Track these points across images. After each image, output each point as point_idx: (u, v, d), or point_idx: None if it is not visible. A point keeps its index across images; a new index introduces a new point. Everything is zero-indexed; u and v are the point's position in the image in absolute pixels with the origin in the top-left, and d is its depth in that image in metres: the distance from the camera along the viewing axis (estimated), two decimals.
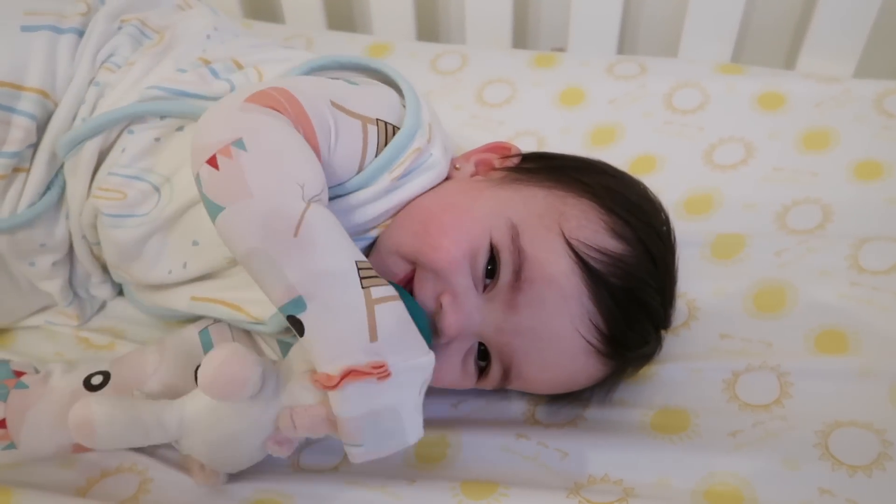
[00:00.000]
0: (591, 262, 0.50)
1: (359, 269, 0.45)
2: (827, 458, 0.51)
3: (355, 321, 0.43)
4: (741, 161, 0.75)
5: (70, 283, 0.64)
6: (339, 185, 0.52)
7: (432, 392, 0.60)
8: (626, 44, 0.95)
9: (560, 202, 0.53)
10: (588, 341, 0.51)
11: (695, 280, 0.65)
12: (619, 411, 0.57)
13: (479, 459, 0.54)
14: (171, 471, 0.54)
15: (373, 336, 0.43)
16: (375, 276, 0.45)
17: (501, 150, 0.61)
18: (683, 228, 0.63)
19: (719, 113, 0.79)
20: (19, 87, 0.56)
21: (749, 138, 0.76)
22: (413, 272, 0.52)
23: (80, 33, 0.59)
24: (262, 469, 0.54)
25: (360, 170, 0.53)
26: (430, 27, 1.01)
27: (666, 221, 0.58)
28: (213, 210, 0.46)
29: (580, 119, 0.81)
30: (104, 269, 0.64)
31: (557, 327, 0.50)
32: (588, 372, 0.53)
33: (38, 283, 0.62)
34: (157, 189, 0.57)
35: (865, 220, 0.67)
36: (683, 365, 0.59)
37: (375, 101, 0.56)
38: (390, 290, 0.45)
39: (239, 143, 0.45)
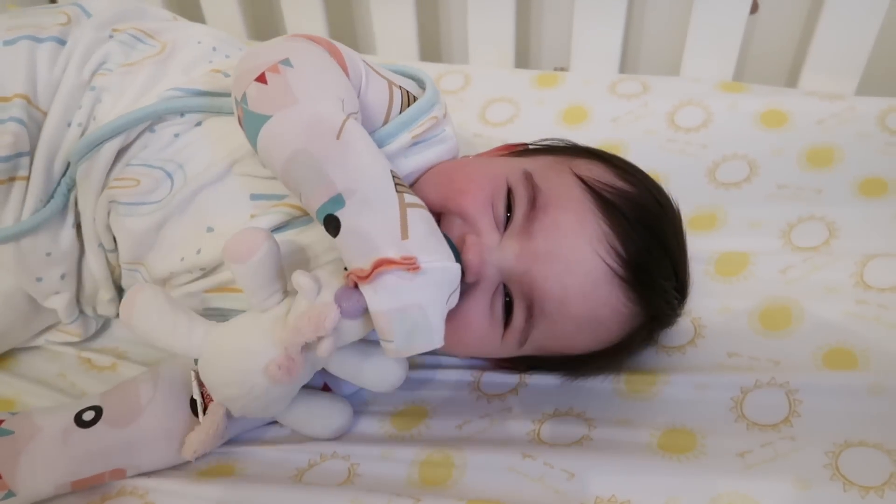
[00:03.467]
0: (603, 193, 0.52)
1: (393, 175, 0.47)
2: (838, 479, 0.50)
3: (389, 218, 0.45)
4: (745, 179, 0.75)
5: (77, 299, 0.64)
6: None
7: (438, 412, 0.61)
8: (627, 63, 0.96)
9: (569, 160, 0.57)
10: (608, 264, 0.51)
11: (700, 298, 0.65)
12: (625, 431, 0.56)
13: (484, 480, 0.53)
14: (171, 494, 0.53)
15: (404, 234, 0.45)
16: (407, 186, 0.48)
17: (510, 147, 0.64)
18: (688, 246, 0.63)
19: (722, 131, 0.79)
20: (4, 99, 0.56)
21: (752, 156, 0.76)
22: (439, 220, 0.53)
23: (60, 42, 0.60)
24: (261, 484, 0.53)
25: (385, 122, 0.56)
26: (432, 48, 1.02)
27: (671, 198, 0.59)
28: (258, 122, 0.48)
29: (583, 137, 0.80)
30: (115, 285, 0.64)
31: (575, 248, 0.51)
32: (612, 305, 0.52)
33: (45, 300, 0.62)
34: (169, 175, 0.58)
35: (870, 237, 0.67)
36: (690, 382, 0.59)
37: (398, 76, 0.60)
38: (421, 202, 0.48)
39: (286, 62, 0.49)
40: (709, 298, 0.65)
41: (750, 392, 0.57)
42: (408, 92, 0.60)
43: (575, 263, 0.51)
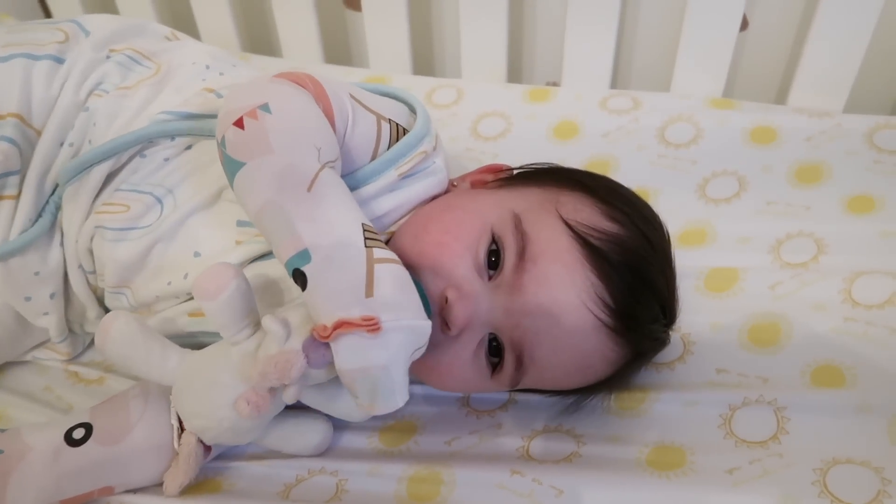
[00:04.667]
0: (590, 239, 0.52)
1: (364, 229, 0.47)
2: (826, 496, 0.50)
3: (354, 275, 0.44)
4: (734, 194, 0.75)
5: (66, 317, 0.64)
6: (350, 173, 0.54)
7: (426, 428, 0.60)
8: (619, 79, 0.96)
9: (555, 194, 0.55)
10: (596, 315, 0.51)
11: (689, 314, 0.65)
12: (614, 448, 0.56)
13: (473, 496, 0.53)
14: None
15: (369, 292, 0.44)
16: (380, 240, 0.47)
17: (496, 170, 0.63)
18: (677, 262, 0.63)
19: (712, 147, 0.79)
20: None
21: (742, 172, 0.76)
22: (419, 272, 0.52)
23: (58, 60, 0.60)
24: (248, 500, 0.53)
25: (373, 158, 0.56)
26: (425, 62, 1.02)
27: (659, 220, 0.59)
28: (234, 168, 0.48)
29: (574, 152, 0.81)
30: (100, 302, 0.63)
31: (564, 302, 0.50)
32: (601, 352, 0.52)
33: (35, 319, 0.62)
34: (159, 200, 0.58)
35: (858, 254, 0.67)
36: (679, 399, 0.59)
37: (389, 106, 0.59)
38: (393, 255, 0.47)
39: (265, 107, 0.49)
40: (698, 314, 0.65)
41: (738, 409, 0.57)
42: (397, 125, 0.58)
43: (565, 317, 0.51)
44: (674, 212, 0.74)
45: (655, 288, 0.54)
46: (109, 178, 0.58)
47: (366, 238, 0.46)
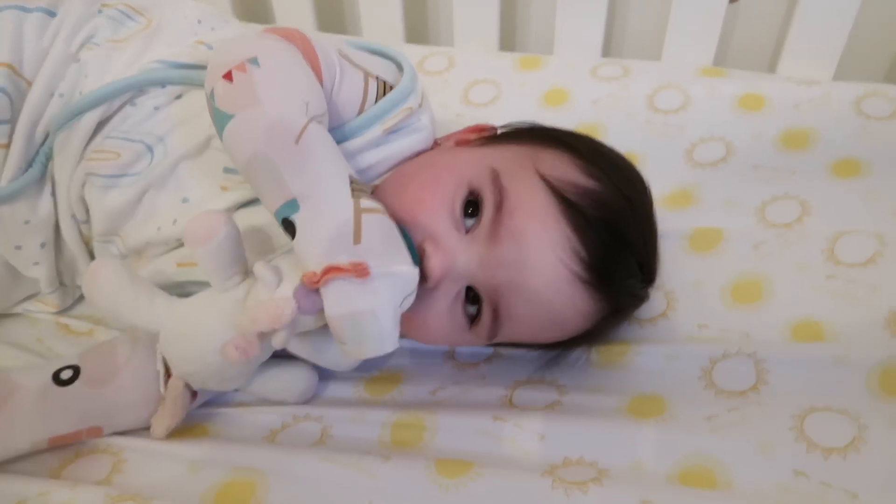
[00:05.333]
0: (566, 194, 0.52)
1: (351, 181, 0.47)
2: (802, 441, 0.51)
3: (341, 223, 0.45)
4: (721, 159, 0.76)
5: (57, 268, 0.64)
6: (337, 127, 0.55)
7: (411, 379, 0.61)
8: (610, 49, 0.97)
9: (534, 152, 0.55)
10: (570, 269, 0.51)
11: (673, 272, 0.66)
12: (595, 397, 0.57)
13: (455, 441, 0.54)
14: (145, 453, 0.54)
15: (356, 238, 0.44)
16: (366, 191, 0.48)
17: (480, 129, 0.63)
18: (662, 223, 0.64)
19: (700, 113, 0.80)
20: None
21: (729, 138, 0.77)
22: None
23: (49, 13, 0.60)
24: (234, 444, 0.54)
25: (359, 114, 0.56)
26: (418, 30, 1.03)
27: (641, 179, 0.59)
28: (223, 120, 0.49)
29: (564, 119, 0.82)
30: (91, 255, 0.64)
31: (539, 255, 0.51)
32: (577, 307, 0.53)
33: (26, 269, 0.62)
34: (150, 149, 0.58)
35: (843, 216, 0.67)
36: (660, 353, 0.60)
37: (376, 63, 0.60)
38: (379, 205, 0.47)
39: (254, 61, 0.49)
40: (682, 272, 0.66)
41: (719, 362, 0.58)
42: (384, 82, 0.59)
43: (539, 270, 0.51)
44: (661, 176, 0.74)
45: (632, 243, 0.54)
46: (100, 126, 0.59)
47: (352, 189, 0.47)
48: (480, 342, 0.56)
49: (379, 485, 0.50)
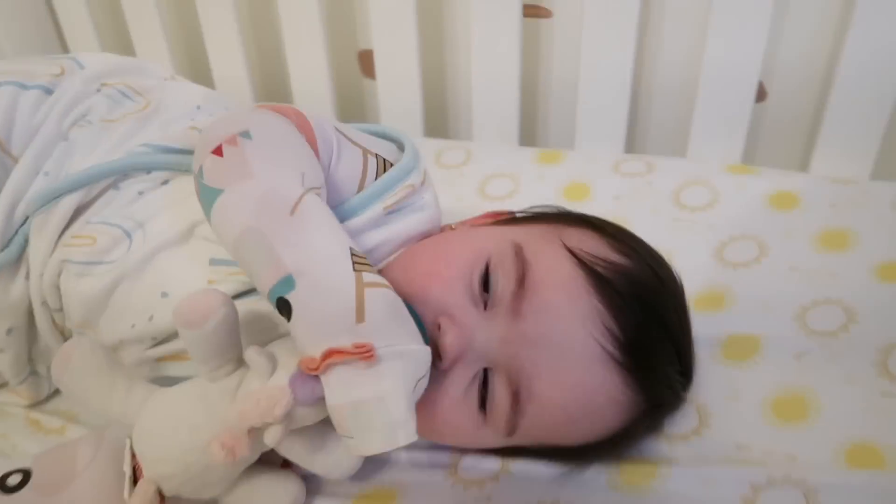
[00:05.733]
0: (596, 268, 0.48)
1: (352, 253, 0.43)
2: None
3: (343, 301, 0.40)
4: (754, 259, 0.70)
5: (29, 356, 0.60)
6: (336, 207, 0.51)
7: (407, 498, 0.54)
8: (634, 144, 0.94)
9: (559, 229, 0.52)
10: (603, 346, 0.46)
11: (705, 383, 0.59)
12: None
13: None
14: None
15: (359, 317, 0.40)
16: (369, 265, 0.44)
17: (497, 214, 0.60)
18: (693, 327, 0.58)
19: (730, 211, 0.75)
20: None
21: (762, 237, 0.72)
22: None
23: (47, 91, 0.59)
24: None
25: (358, 192, 0.53)
26: (438, 125, 1.02)
27: (670, 266, 0.55)
28: (211, 197, 0.45)
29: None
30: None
31: (568, 331, 0.46)
32: (609, 393, 0.47)
33: None
34: (128, 235, 0.54)
35: (892, 324, 0.61)
36: (694, 477, 0.52)
37: (376, 142, 0.57)
38: (383, 280, 0.43)
39: (245, 134, 0.47)
40: (715, 384, 0.59)
41: (763, 490, 0.50)
42: (384, 160, 0.56)
43: (568, 347, 0.46)
44: (690, 275, 0.68)
45: (668, 326, 0.50)
46: (80, 210, 0.55)
47: (354, 263, 0.43)
48: (495, 440, 0.50)
49: None
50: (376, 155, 0.55)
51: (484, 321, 0.48)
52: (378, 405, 0.39)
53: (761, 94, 0.91)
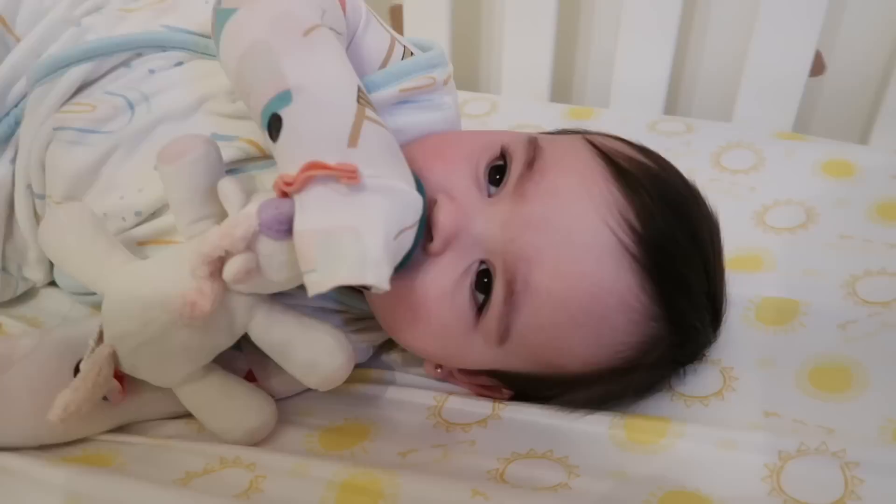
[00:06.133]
0: (617, 159, 0.42)
1: (359, 89, 0.40)
2: None
3: (338, 121, 0.37)
4: (800, 225, 0.62)
5: (3, 253, 0.55)
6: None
7: (381, 435, 0.48)
8: (676, 108, 0.87)
9: (585, 135, 0.47)
10: (617, 235, 0.40)
11: (734, 346, 0.52)
12: (616, 485, 0.42)
13: None
14: (16, 476, 0.42)
15: (352, 142, 0.36)
16: (373, 107, 0.40)
17: None
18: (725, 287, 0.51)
19: (776, 175, 0.68)
20: None
21: (811, 203, 0.64)
22: None
23: None
24: (130, 481, 0.41)
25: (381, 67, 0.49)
26: (468, 77, 0.96)
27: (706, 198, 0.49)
28: (224, 17, 0.42)
29: None
30: None
31: (577, 214, 0.40)
32: (620, 292, 0.40)
33: None
34: (131, 106, 0.50)
35: None
36: (711, 438, 0.45)
37: (406, 41, 0.53)
38: (385, 124, 0.40)
39: None
40: (744, 347, 0.52)
41: (792, 459, 0.43)
42: (412, 53, 0.52)
43: (575, 232, 0.40)
44: (726, 236, 0.61)
45: (699, 239, 0.43)
46: (84, 87, 0.52)
47: (359, 96, 0.39)
48: (485, 351, 0.44)
49: None
50: (405, 46, 0.51)
51: (485, 206, 0.43)
52: (352, 236, 0.34)
53: (819, 68, 0.83)
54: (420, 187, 0.40)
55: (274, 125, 0.38)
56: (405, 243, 0.37)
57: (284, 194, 0.36)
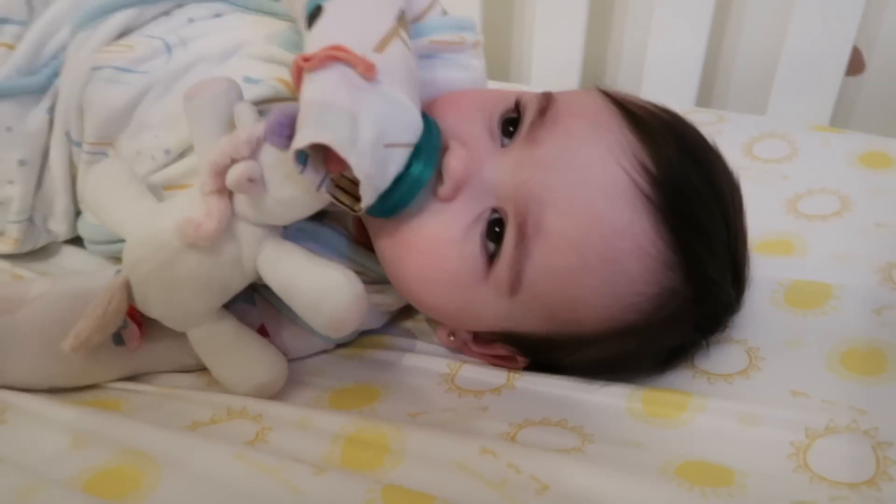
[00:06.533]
0: (634, 109, 0.42)
1: (401, 12, 0.41)
2: None
3: (373, 27, 0.39)
4: (834, 213, 0.60)
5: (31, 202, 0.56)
6: None
7: (392, 397, 0.47)
8: (711, 101, 0.86)
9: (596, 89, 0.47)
10: (630, 176, 0.39)
11: (761, 327, 0.50)
12: (631, 452, 0.40)
13: (419, 475, 0.38)
14: (27, 415, 0.42)
15: (379, 48, 0.38)
16: (408, 31, 0.42)
17: None
18: (752, 268, 0.49)
19: (810, 165, 0.66)
20: None
21: (845, 191, 0.62)
22: None
23: None
24: (137, 424, 0.41)
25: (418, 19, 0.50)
26: (499, 67, 0.96)
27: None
28: None
29: None
30: (74, 193, 0.56)
31: (590, 155, 0.40)
32: (635, 235, 0.39)
33: None
34: (168, 48, 0.51)
35: None
36: (733, 412, 0.43)
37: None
38: (412, 49, 0.41)
39: None
40: (772, 328, 0.50)
41: (820, 437, 0.41)
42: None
43: (588, 172, 0.40)
44: (755, 222, 0.59)
45: (718, 189, 0.42)
46: (125, 34, 0.52)
47: (398, 17, 0.41)
48: (496, 304, 0.43)
49: (301, 502, 0.35)
50: (444, 10, 0.52)
51: (497, 154, 0.42)
52: (348, 117, 0.35)
53: (859, 66, 0.81)
54: (435, 127, 0.40)
55: (314, 14, 0.39)
56: (396, 158, 0.37)
57: (300, 71, 0.37)
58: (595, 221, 0.39)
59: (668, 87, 0.81)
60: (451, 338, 0.50)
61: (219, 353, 0.44)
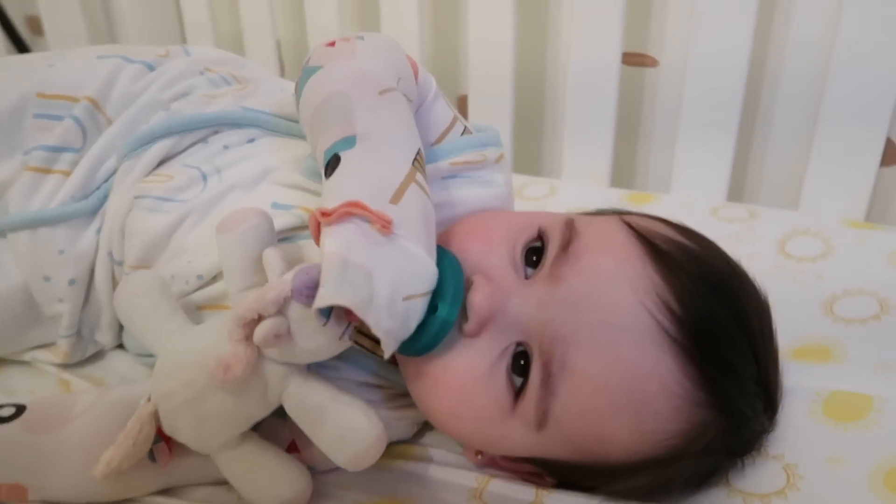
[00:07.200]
0: (655, 241, 0.42)
1: (418, 152, 0.43)
2: None
3: (389, 175, 0.40)
4: (872, 316, 0.59)
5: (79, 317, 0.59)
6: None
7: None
8: (743, 196, 0.86)
9: (622, 216, 0.47)
10: (655, 317, 0.39)
11: (799, 442, 0.48)
12: None
13: None
14: None
15: (395, 199, 0.39)
16: (424, 172, 0.43)
17: None
18: (789, 377, 0.49)
19: (845, 264, 0.65)
20: (74, 99, 0.57)
21: (884, 294, 0.61)
22: None
23: (150, 67, 0.61)
24: None
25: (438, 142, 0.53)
26: (530, 163, 0.98)
27: (749, 274, 0.47)
28: (310, 73, 0.47)
29: None
30: None
31: (614, 294, 0.40)
32: (661, 376, 0.39)
33: (48, 306, 0.57)
34: (204, 177, 0.55)
35: None
36: None
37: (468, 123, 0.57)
38: (429, 193, 0.42)
39: (359, 37, 0.50)
40: (811, 443, 0.48)
41: None
42: (471, 132, 0.55)
43: (613, 313, 0.40)
44: (791, 326, 0.58)
45: (744, 320, 0.41)
46: (165, 161, 0.56)
47: (416, 159, 0.43)
48: (524, 437, 0.42)
49: None
50: (465, 126, 0.54)
51: (522, 287, 0.42)
52: (364, 276, 0.36)
53: (894, 157, 0.81)
54: (457, 264, 0.41)
55: (332, 164, 0.41)
56: (414, 309, 0.38)
57: (318, 224, 0.38)
58: (620, 362, 0.39)
59: (699, 181, 0.81)
60: (478, 456, 0.49)
61: (241, 473, 0.45)
